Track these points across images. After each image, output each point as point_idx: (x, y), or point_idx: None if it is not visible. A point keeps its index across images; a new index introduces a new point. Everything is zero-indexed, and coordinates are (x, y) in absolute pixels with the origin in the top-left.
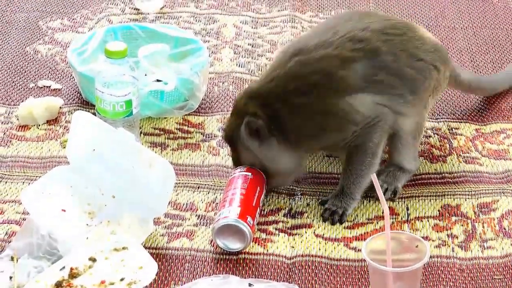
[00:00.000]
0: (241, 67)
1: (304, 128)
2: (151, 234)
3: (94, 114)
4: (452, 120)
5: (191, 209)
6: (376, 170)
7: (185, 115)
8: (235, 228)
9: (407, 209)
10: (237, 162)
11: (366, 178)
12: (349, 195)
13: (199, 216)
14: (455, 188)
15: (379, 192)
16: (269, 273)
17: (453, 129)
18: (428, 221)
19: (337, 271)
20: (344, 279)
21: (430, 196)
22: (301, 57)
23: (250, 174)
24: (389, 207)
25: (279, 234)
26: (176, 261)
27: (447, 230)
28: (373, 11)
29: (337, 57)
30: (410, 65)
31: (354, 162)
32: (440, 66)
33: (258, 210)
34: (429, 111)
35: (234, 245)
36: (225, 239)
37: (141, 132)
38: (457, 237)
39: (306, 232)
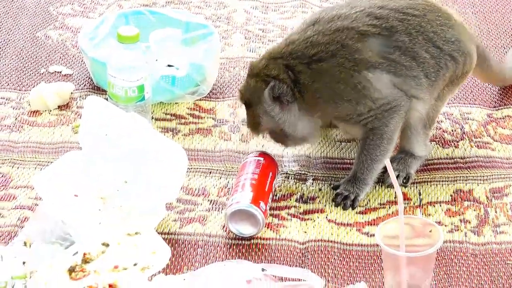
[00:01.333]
0: (252, 52)
1: (323, 93)
2: (163, 219)
3: (105, 99)
4: (464, 105)
5: (203, 194)
6: (390, 156)
7: (197, 100)
8: (247, 213)
9: (420, 194)
10: (253, 125)
11: (380, 164)
12: (362, 180)
13: (211, 201)
14: (467, 173)
15: (393, 177)
16: (281, 258)
17: (465, 114)
18: (440, 206)
19: (350, 256)
20: (356, 264)
21: (442, 181)
22: (318, 27)
23: (262, 159)
24: (402, 192)
25: (291, 219)
26: (189, 246)
27: (459, 215)
28: None
29: (353, 30)
30: (426, 49)
31: (369, 146)
32: (459, 58)
33: (271, 195)
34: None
35: (246, 230)
36: (237, 224)
37: (152, 117)
38: (469, 222)
39: (318, 217)
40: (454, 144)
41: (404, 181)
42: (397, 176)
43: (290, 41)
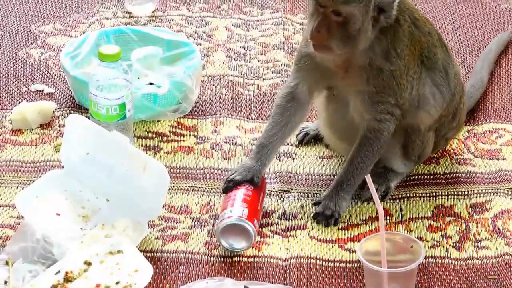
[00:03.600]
0: (234, 70)
1: (392, 51)
2: (145, 237)
3: (87, 117)
4: None
5: (185, 211)
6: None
7: (178, 118)
8: (240, 227)
9: (401, 210)
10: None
11: (364, 172)
12: (342, 193)
13: (193, 218)
14: (448, 189)
15: (373, 193)
16: (264, 275)
17: None
18: (422, 221)
19: (332, 273)
20: (338, 280)
21: (424, 196)
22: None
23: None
24: (383, 208)
25: (273, 236)
26: (171, 264)
27: (441, 230)
28: None
29: (437, 34)
30: (455, 82)
31: (364, 150)
32: (459, 106)
33: (260, 214)
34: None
35: (238, 244)
36: (228, 239)
37: (134, 135)
38: (451, 238)
39: (300, 234)
40: (435, 161)
41: (383, 195)
42: (376, 189)
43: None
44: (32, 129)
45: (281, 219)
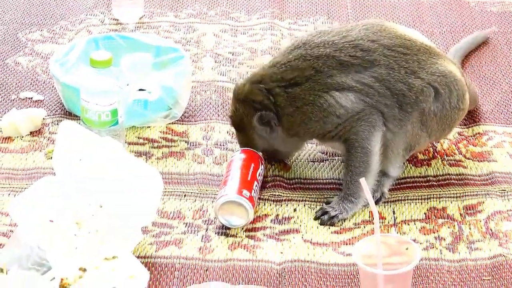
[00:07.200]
0: (223, 75)
1: (295, 116)
2: (139, 243)
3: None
4: None
5: (178, 217)
6: (375, 172)
7: (169, 123)
8: (233, 203)
9: (394, 212)
10: (246, 145)
11: (362, 176)
12: (350, 198)
13: (186, 224)
14: (440, 191)
15: (368, 195)
16: (258, 279)
17: None
18: (415, 224)
19: (327, 276)
20: (333, 283)
21: (416, 199)
22: (302, 51)
23: (243, 154)
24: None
25: (267, 240)
26: (166, 269)
27: (434, 232)
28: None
29: (334, 58)
30: (405, 80)
31: (348, 159)
32: (441, 90)
33: (256, 183)
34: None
35: (236, 221)
36: (228, 217)
37: (125, 142)
38: (444, 239)
39: (294, 238)
40: (427, 163)
41: (377, 200)
42: (372, 195)
43: (273, 64)
44: (23, 137)
45: (274, 223)
